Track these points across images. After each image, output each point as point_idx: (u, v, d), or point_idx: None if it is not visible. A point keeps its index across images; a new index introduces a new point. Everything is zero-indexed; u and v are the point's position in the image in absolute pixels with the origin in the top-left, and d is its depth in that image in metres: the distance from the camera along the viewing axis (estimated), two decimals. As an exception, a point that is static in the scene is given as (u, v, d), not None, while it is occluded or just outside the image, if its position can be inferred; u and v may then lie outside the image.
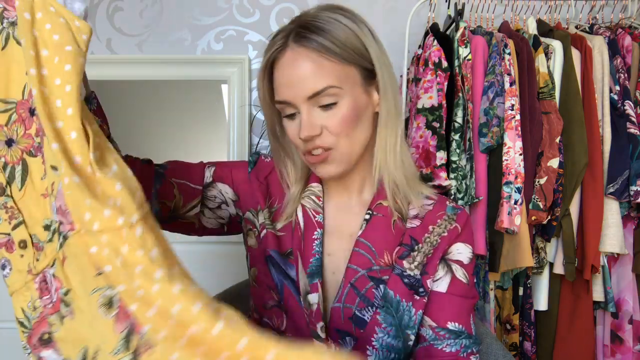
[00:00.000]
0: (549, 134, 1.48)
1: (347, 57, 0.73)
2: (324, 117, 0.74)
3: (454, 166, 1.42)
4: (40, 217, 0.57)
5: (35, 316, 0.56)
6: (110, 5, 1.92)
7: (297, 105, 0.74)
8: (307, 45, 0.73)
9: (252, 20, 1.93)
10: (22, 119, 0.59)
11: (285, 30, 0.76)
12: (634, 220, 1.56)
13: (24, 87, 0.58)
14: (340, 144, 0.76)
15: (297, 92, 0.73)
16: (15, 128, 0.59)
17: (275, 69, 0.76)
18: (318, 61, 0.72)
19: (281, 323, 0.82)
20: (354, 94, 0.75)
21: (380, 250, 0.81)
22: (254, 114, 1.90)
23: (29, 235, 0.58)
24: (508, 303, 1.55)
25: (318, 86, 0.72)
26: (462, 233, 0.84)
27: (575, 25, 1.68)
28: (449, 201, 0.87)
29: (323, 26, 0.73)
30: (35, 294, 0.56)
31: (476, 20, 1.70)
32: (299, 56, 0.73)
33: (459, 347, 0.80)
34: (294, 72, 0.73)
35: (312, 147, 0.76)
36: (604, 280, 1.53)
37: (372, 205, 0.83)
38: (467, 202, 1.43)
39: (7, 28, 0.59)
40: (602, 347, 1.58)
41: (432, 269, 0.82)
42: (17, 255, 0.58)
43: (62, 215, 0.54)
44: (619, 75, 1.52)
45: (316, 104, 0.74)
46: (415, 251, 0.82)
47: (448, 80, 1.45)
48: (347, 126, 0.75)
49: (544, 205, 1.46)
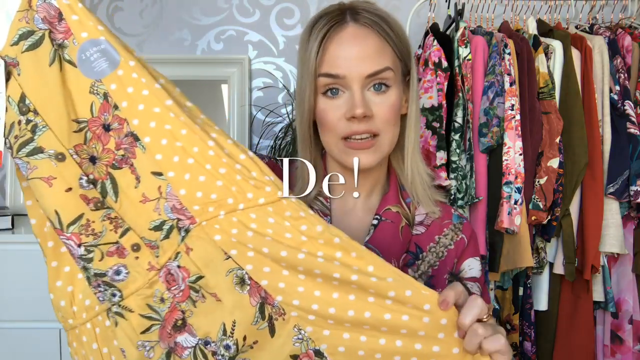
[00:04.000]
0: (549, 134, 1.48)
1: (400, 50, 0.74)
2: (376, 101, 0.72)
3: (454, 166, 1.42)
4: (144, 222, 0.62)
5: (166, 307, 0.61)
6: (110, 5, 1.92)
7: (351, 82, 0.71)
8: (370, 25, 0.72)
9: (252, 20, 1.93)
10: (97, 136, 0.62)
11: (336, 9, 0.74)
12: (634, 220, 1.56)
13: (91, 104, 0.62)
14: (387, 131, 0.73)
15: (357, 68, 0.71)
16: (94, 145, 0.63)
17: (331, 44, 0.72)
18: (382, 41, 0.72)
19: None
20: (399, 86, 0.75)
21: (387, 257, 0.77)
22: (254, 114, 1.90)
23: (139, 238, 0.62)
24: (508, 303, 1.55)
25: (379, 66, 0.71)
26: (469, 246, 0.82)
27: (575, 25, 1.68)
28: (453, 209, 0.85)
29: (382, 15, 0.74)
30: (162, 286, 0.61)
31: (476, 20, 1.70)
32: (362, 33, 0.72)
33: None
34: (355, 48, 0.71)
35: (361, 129, 0.71)
36: (604, 280, 1.53)
37: (379, 210, 0.80)
38: (467, 202, 1.43)
39: (58, 50, 0.62)
40: (602, 347, 1.58)
41: (441, 284, 0.80)
42: (132, 258, 0.62)
43: (178, 212, 0.61)
44: (619, 75, 1.52)
45: (370, 84, 0.72)
46: (419, 260, 0.80)
47: (448, 80, 1.45)
48: (394, 115, 0.73)
49: (544, 205, 1.46)
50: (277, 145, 1.73)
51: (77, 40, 0.61)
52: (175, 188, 0.61)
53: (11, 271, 1.48)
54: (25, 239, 1.55)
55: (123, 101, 0.62)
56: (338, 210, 0.82)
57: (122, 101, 0.62)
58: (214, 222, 0.60)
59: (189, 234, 0.61)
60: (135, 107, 0.61)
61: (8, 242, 1.50)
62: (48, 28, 0.62)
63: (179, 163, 0.61)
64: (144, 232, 0.62)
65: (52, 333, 1.49)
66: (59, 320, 0.65)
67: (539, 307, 1.55)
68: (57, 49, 0.62)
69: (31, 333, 1.49)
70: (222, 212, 0.60)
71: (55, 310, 0.65)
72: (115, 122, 0.62)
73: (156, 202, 0.61)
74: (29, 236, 1.57)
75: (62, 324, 0.65)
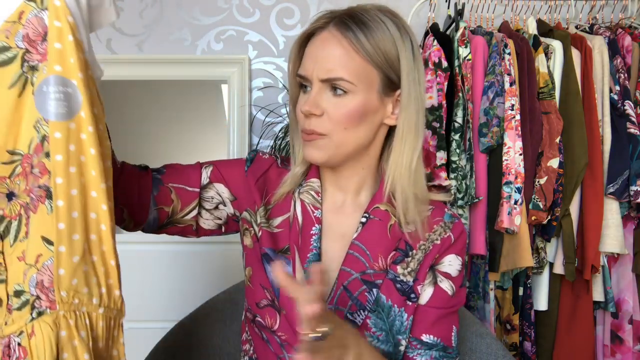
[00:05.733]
0: (549, 134, 1.48)
1: (374, 59, 0.75)
2: (331, 103, 0.76)
3: (454, 166, 1.42)
4: (14, 279, 0.58)
5: None
6: (110, 5, 1.92)
7: (312, 82, 0.76)
8: (343, 32, 0.75)
9: (252, 20, 1.93)
10: (25, 173, 0.58)
11: (334, 13, 0.78)
12: (634, 220, 1.56)
13: (31, 140, 0.58)
14: (335, 133, 0.76)
15: (315, 70, 0.75)
16: (18, 182, 0.59)
17: (308, 44, 0.79)
18: (347, 50, 0.74)
19: (274, 322, 0.82)
20: (367, 95, 0.76)
21: (374, 254, 0.81)
22: (254, 114, 1.90)
23: (6, 295, 0.58)
24: (508, 303, 1.55)
25: (334, 74, 0.74)
26: (455, 244, 0.84)
27: (575, 25, 1.68)
28: (447, 208, 0.86)
29: (366, 22, 0.75)
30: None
31: (476, 20, 1.70)
32: (333, 39, 0.75)
33: (428, 357, 0.81)
34: (320, 51, 0.76)
35: (308, 127, 0.77)
36: (604, 280, 1.53)
37: (369, 208, 0.83)
38: (467, 202, 1.43)
39: (27, 72, 0.58)
40: (602, 347, 1.58)
41: (423, 276, 0.83)
42: None
43: (41, 290, 0.56)
44: (619, 75, 1.52)
45: (328, 88, 0.76)
46: (409, 257, 0.82)
47: (448, 80, 1.45)
48: (347, 120, 0.76)
49: (544, 205, 1.46)
50: (277, 145, 1.73)
51: (47, 70, 0.57)
52: (56, 265, 0.57)
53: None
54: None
55: (58, 155, 0.57)
56: (329, 205, 0.86)
57: (57, 154, 0.57)
58: (71, 316, 0.58)
59: (40, 317, 0.57)
60: (67, 169, 0.57)
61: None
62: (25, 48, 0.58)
63: (76, 242, 0.57)
64: (10, 290, 0.58)
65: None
66: None
67: (539, 307, 1.55)
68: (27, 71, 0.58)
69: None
70: (84, 308, 0.58)
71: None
72: (37, 168, 0.58)
73: (27, 268, 0.57)
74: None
75: None
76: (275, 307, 0.82)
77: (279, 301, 0.81)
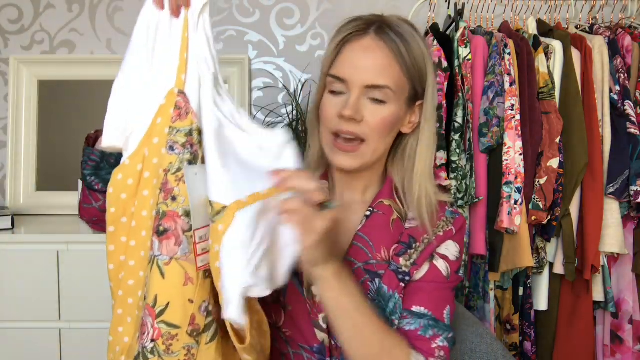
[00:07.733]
0: (549, 134, 1.48)
1: (410, 72, 0.79)
2: (369, 110, 0.78)
3: (454, 166, 1.42)
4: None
5: None
6: (110, 5, 1.92)
7: (351, 87, 0.77)
8: (387, 42, 0.77)
9: (252, 20, 1.93)
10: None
11: (366, 19, 0.80)
12: (634, 220, 1.56)
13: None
14: (372, 139, 0.79)
15: (360, 76, 0.77)
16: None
17: (347, 48, 0.79)
18: (390, 60, 0.77)
19: (279, 319, 0.83)
20: (399, 104, 0.79)
21: (377, 246, 0.83)
22: (254, 114, 1.90)
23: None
24: (508, 303, 1.55)
25: (380, 81, 0.76)
26: (456, 235, 0.86)
27: (575, 25, 1.68)
28: (448, 205, 0.89)
29: (404, 35, 0.78)
30: None
31: (476, 20, 1.70)
32: (377, 47, 0.77)
33: (418, 325, 0.80)
34: (365, 58, 0.77)
35: (347, 129, 0.77)
36: (604, 280, 1.53)
37: (373, 203, 0.85)
38: (467, 202, 1.43)
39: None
40: (602, 347, 1.58)
41: (421, 262, 0.84)
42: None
43: None
44: (619, 75, 1.52)
45: (367, 95, 0.78)
46: (412, 249, 0.83)
47: (448, 80, 1.45)
48: (383, 128, 0.79)
49: (544, 205, 1.46)
50: (277, 145, 1.73)
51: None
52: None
53: (11, 271, 1.48)
54: (25, 239, 1.54)
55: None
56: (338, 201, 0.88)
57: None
58: None
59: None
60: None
61: (8, 242, 1.50)
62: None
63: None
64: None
65: (52, 333, 1.49)
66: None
67: (539, 307, 1.55)
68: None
69: (31, 333, 1.49)
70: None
71: (109, 351, 0.71)
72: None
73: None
74: (28, 236, 1.57)
75: None
76: (280, 304, 0.83)
77: (285, 296, 0.82)
